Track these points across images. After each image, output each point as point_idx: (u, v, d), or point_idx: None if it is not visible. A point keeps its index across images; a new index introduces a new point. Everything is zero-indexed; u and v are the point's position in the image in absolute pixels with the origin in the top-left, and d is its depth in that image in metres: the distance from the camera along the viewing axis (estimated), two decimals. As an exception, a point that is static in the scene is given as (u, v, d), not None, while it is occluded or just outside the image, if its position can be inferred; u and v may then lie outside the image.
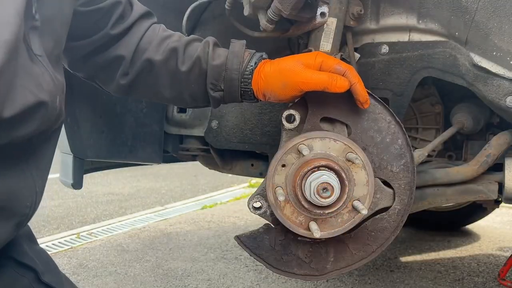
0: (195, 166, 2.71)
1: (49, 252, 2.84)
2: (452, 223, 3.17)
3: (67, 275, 2.55)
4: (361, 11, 1.25)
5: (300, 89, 1.05)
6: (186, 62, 1.12)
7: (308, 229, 1.09)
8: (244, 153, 1.84)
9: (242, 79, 1.11)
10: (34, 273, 0.99)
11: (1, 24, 0.71)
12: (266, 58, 1.14)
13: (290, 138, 1.13)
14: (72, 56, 1.13)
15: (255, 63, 1.11)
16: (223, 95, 1.13)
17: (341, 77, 1.04)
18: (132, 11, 1.13)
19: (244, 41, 1.15)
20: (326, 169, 1.06)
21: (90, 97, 1.57)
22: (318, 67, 1.06)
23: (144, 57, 1.12)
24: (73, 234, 3.28)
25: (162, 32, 1.16)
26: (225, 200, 4.48)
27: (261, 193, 1.15)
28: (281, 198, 1.06)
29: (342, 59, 1.30)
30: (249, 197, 1.18)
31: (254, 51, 1.14)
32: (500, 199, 1.42)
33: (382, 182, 1.15)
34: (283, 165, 1.10)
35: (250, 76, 1.10)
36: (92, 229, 3.41)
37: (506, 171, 1.32)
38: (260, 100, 1.14)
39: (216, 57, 1.12)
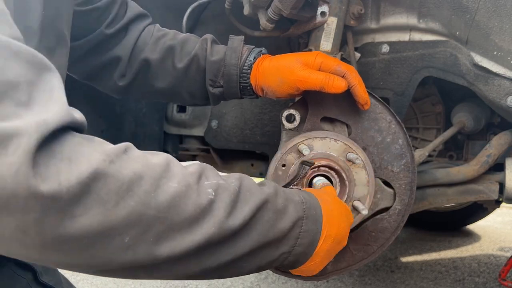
0: (195, 166, 2.70)
1: (49, 252, 2.86)
2: (453, 223, 3.16)
3: (66, 275, 2.54)
4: (361, 10, 1.24)
5: (297, 87, 1.04)
6: (183, 59, 1.13)
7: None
8: (244, 153, 1.84)
9: (241, 74, 1.10)
10: (33, 273, 0.99)
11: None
12: (265, 54, 1.13)
13: (290, 138, 1.12)
14: (69, 57, 1.13)
15: (254, 58, 1.11)
16: (222, 91, 1.13)
17: (339, 77, 1.02)
18: (127, 11, 1.15)
19: (242, 37, 1.14)
20: (327, 169, 1.05)
21: (90, 97, 1.57)
22: (318, 67, 1.04)
23: (141, 57, 1.13)
24: (73, 234, 3.27)
25: (157, 31, 1.18)
26: (225, 200, 4.47)
27: (261, 193, 1.15)
28: (281, 198, 1.06)
29: (343, 58, 1.29)
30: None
31: (253, 46, 1.13)
32: (500, 199, 1.42)
33: (382, 182, 1.15)
34: (283, 165, 1.09)
35: (248, 71, 1.10)
36: (92, 229, 3.40)
37: (507, 171, 1.32)
38: (260, 97, 1.14)
39: (215, 53, 1.12)
